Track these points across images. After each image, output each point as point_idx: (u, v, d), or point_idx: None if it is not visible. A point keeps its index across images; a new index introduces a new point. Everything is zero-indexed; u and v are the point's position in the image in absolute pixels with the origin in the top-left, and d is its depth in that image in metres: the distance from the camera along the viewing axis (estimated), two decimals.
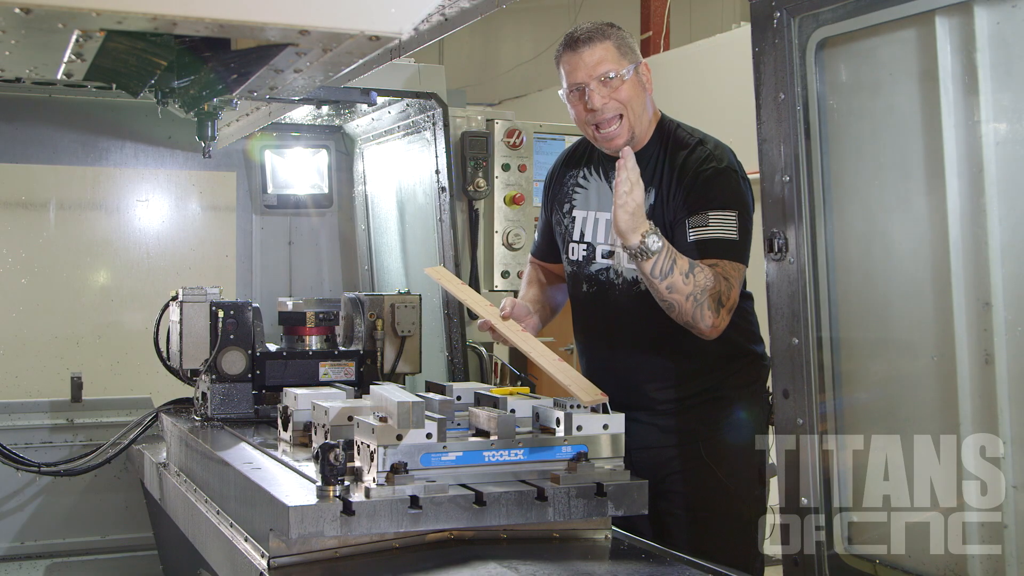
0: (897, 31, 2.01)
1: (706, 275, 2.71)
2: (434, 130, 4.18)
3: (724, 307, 2.73)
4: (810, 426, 2.13)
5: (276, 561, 2.26)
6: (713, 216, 2.79)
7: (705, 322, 2.72)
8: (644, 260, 2.65)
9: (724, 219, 2.78)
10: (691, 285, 2.69)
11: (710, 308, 2.71)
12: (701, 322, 2.72)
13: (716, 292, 2.72)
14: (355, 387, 3.31)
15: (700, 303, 2.70)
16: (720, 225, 2.78)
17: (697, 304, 2.70)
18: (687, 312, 2.71)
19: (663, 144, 2.96)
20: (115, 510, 4.31)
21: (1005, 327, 1.87)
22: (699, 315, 2.71)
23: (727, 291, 2.74)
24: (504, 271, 4.97)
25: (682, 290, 2.68)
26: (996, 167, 1.86)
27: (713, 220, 2.78)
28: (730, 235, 2.78)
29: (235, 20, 1.97)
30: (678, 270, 2.67)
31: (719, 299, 2.72)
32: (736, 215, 2.79)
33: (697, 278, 2.70)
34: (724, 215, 2.79)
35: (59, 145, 4.62)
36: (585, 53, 2.87)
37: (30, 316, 4.57)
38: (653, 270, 2.66)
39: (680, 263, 2.68)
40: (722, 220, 2.78)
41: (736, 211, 2.79)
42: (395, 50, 2.59)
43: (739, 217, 2.79)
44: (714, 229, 2.78)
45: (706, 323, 2.72)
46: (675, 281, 2.68)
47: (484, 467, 2.37)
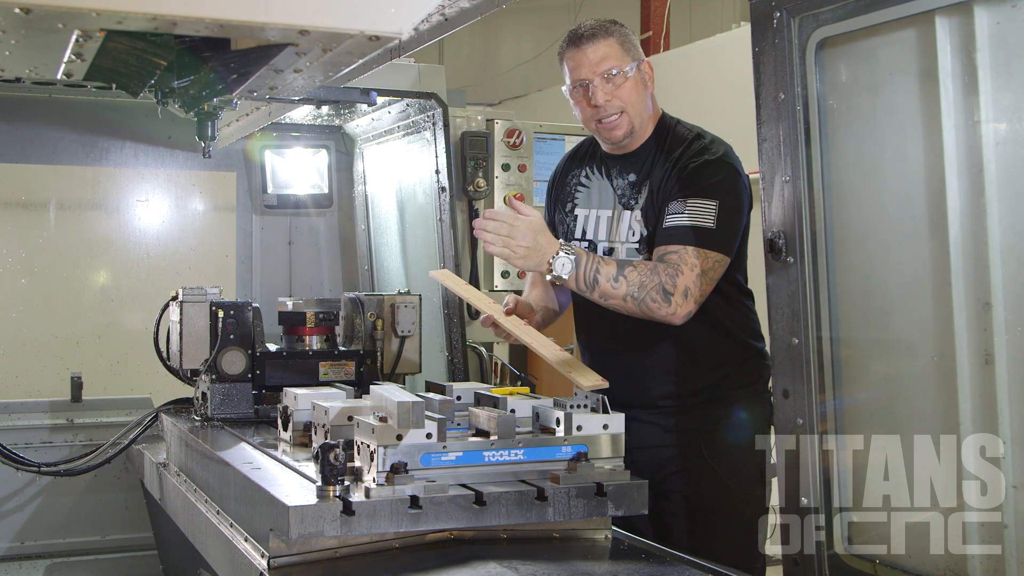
0: (897, 31, 2.01)
1: (640, 271, 2.73)
2: (434, 130, 4.18)
3: (674, 294, 2.72)
4: (810, 426, 2.13)
5: (276, 561, 2.25)
6: (691, 203, 2.79)
7: (657, 314, 2.74)
8: (560, 283, 2.72)
9: (701, 207, 2.78)
10: (623, 286, 2.71)
11: (654, 300, 2.72)
12: (654, 315, 2.74)
13: (658, 283, 2.72)
14: (355, 387, 3.31)
15: (640, 299, 2.72)
16: (695, 213, 2.78)
17: (638, 301, 2.72)
18: (634, 311, 2.75)
19: (662, 140, 2.97)
20: (115, 510, 4.31)
21: (1005, 327, 1.87)
22: (646, 310, 2.73)
23: (671, 277, 2.72)
24: (504, 271, 4.97)
25: (615, 294, 2.72)
26: (996, 167, 1.86)
27: (690, 207, 2.79)
28: (703, 223, 2.77)
29: (235, 20, 1.97)
30: (603, 277, 2.71)
31: (663, 289, 2.72)
32: (716, 204, 2.78)
33: (629, 278, 2.72)
34: (702, 203, 2.79)
35: (59, 145, 4.62)
36: (589, 50, 2.88)
37: (30, 316, 4.57)
38: (579, 286, 2.72)
39: (605, 270, 2.72)
40: (698, 208, 2.78)
41: (716, 200, 2.79)
42: (395, 50, 2.59)
43: (720, 207, 2.78)
44: (688, 216, 2.78)
45: (659, 315, 2.74)
46: (605, 289, 2.72)
47: (484, 467, 2.37)
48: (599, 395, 2.52)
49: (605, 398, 2.52)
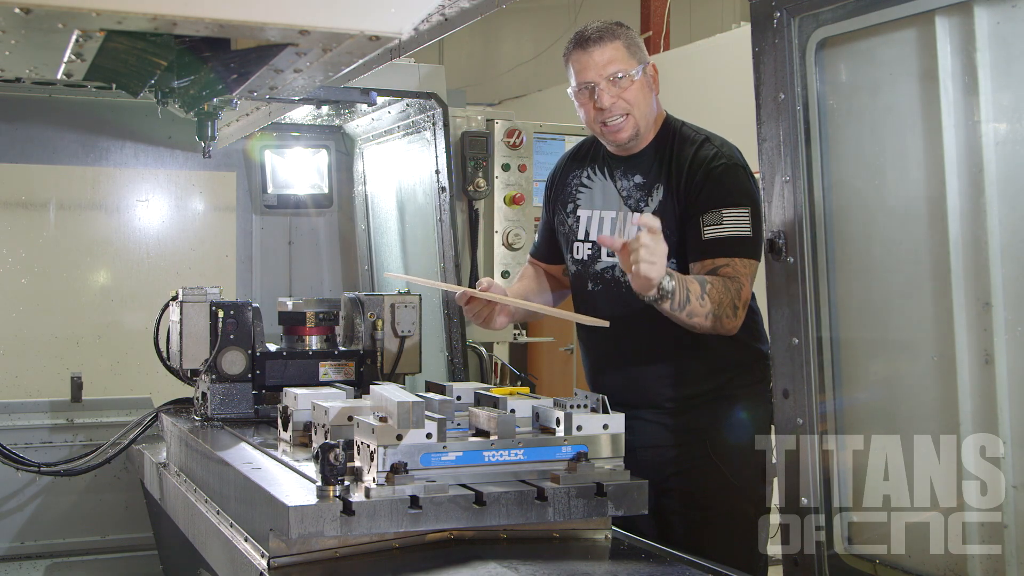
0: (897, 31, 2.01)
1: (718, 288, 2.74)
2: (434, 130, 4.18)
3: (739, 308, 2.78)
4: (810, 426, 2.13)
5: (276, 561, 2.25)
6: (727, 213, 2.82)
7: (725, 328, 2.77)
8: (663, 303, 2.65)
9: (737, 216, 2.82)
10: (708, 304, 2.72)
11: (727, 316, 2.75)
12: (722, 330, 2.77)
13: (731, 300, 2.76)
14: (355, 387, 3.31)
15: (719, 316, 2.74)
16: (733, 222, 2.81)
17: (716, 318, 2.74)
18: (708, 328, 2.76)
19: (669, 141, 2.97)
20: (115, 510, 4.31)
21: (1005, 327, 1.87)
22: (719, 326, 2.76)
23: (738, 291, 2.77)
24: (504, 271, 4.98)
25: (700, 312, 2.71)
26: (996, 167, 1.86)
27: (727, 218, 2.82)
28: (743, 232, 2.81)
29: (235, 20, 1.97)
30: (693, 296, 2.69)
31: (734, 304, 2.76)
32: (748, 211, 2.82)
33: (712, 295, 2.72)
34: (737, 212, 2.82)
35: (59, 145, 4.61)
36: (595, 52, 2.87)
37: (30, 316, 4.57)
38: (672, 306, 2.67)
39: (693, 288, 2.69)
40: (735, 217, 2.82)
41: (748, 207, 2.82)
42: (395, 50, 2.59)
43: (751, 213, 2.82)
44: (728, 227, 2.81)
45: (726, 329, 2.77)
46: (693, 307, 2.70)
47: (484, 467, 2.37)
48: (599, 395, 2.52)
49: (605, 398, 2.52)
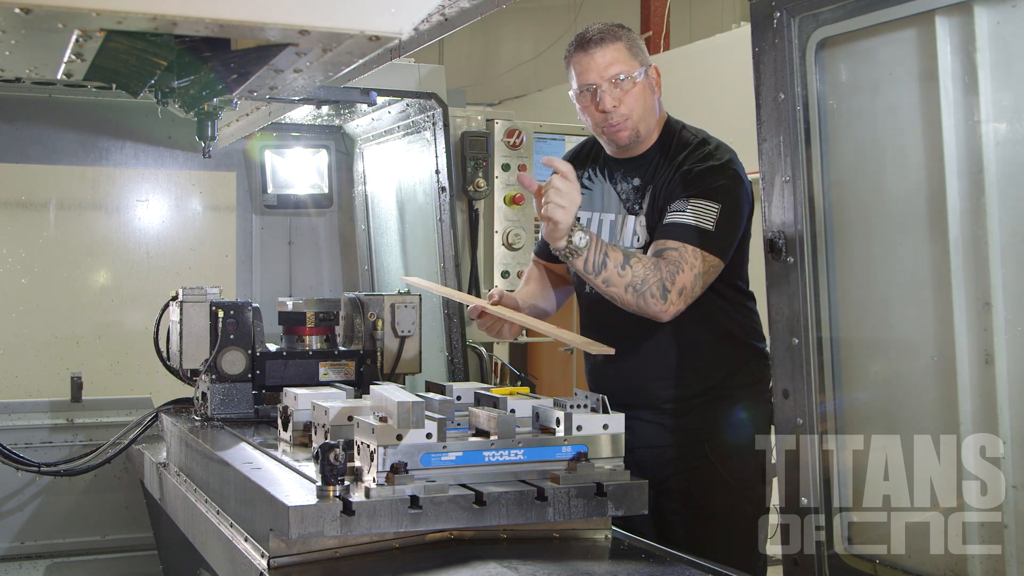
0: (897, 31, 2.01)
1: (644, 264, 2.72)
2: (434, 130, 4.18)
3: (671, 292, 2.72)
4: (810, 426, 2.13)
5: (276, 561, 2.25)
6: (693, 203, 2.79)
7: (651, 309, 2.73)
8: (574, 258, 2.66)
9: (703, 208, 2.78)
10: (628, 276, 2.69)
11: (653, 296, 2.71)
12: (647, 310, 2.73)
13: (658, 280, 2.71)
14: (355, 387, 3.31)
15: (641, 292, 2.70)
16: (697, 213, 2.78)
17: (638, 294, 2.70)
18: (630, 303, 2.73)
19: (668, 144, 2.96)
20: (115, 510, 4.31)
21: (1005, 327, 1.87)
22: (643, 303, 2.72)
23: (671, 275, 2.72)
24: (504, 271, 4.98)
25: (618, 282, 2.69)
26: (996, 167, 1.86)
27: (692, 207, 2.79)
28: (704, 224, 2.77)
29: (235, 20, 1.97)
30: (611, 262, 2.68)
31: (663, 286, 2.71)
32: (718, 208, 2.78)
33: (635, 268, 2.70)
34: (704, 204, 2.78)
35: (59, 145, 4.62)
36: (597, 54, 2.87)
37: (30, 316, 4.57)
38: (585, 266, 2.68)
39: (613, 256, 2.69)
40: (701, 209, 2.78)
41: (719, 204, 2.79)
42: (395, 50, 2.59)
43: (721, 211, 2.78)
44: (690, 216, 2.78)
45: (652, 310, 2.73)
46: (610, 275, 2.69)
47: (484, 467, 2.37)
48: (599, 395, 2.52)
49: (605, 398, 2.52)
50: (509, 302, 3.00)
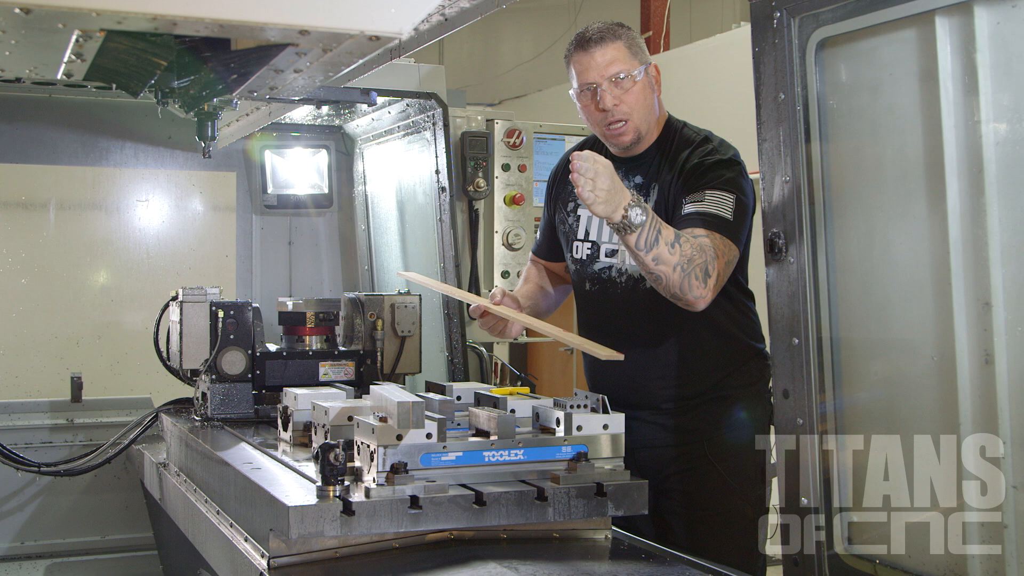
0: (897, 31, 2.01)
1: (692, 245, 2.66)
2: (434, 130, 4.18)
3: (711, 278, 2.67)
4: (810, 426, 2.13)
5: (276, 561, 2.26)
6: (710, 194, 2.78)
7: (693, 292, 2.66)
8: (628, 234, 2.58)
9: (720, 198, 2.78)
10: (677, 255, 2.62)
11: (697, 278, 2.65)
12: (689, 293, 2.66)
13: (703, 262, 2.66)
14: (355, 387, 3.31)
15: (688, 273, 2.64)
16: (716, 202, 2.77)
17: (685, 274, 2.64)
18: (675, 283, 2.64)
19: (669, 142, 2.97)
20: (115, 510, 4.32)
21: (1005, 327, 1.87)
22: (687, 285, 2.64)
23: (712, 260, 2.68)
24: (504, 271, 4.98)
25: (668, 260, 2.62)
26: (996, 167, 1.86)
27: (709, 197, 2.78)
28: (724, 213, 2.76)
29: (235, 20, 1.97)
30: (663, 240, 2.60)
31: (706, 269, 2.67)
32: (734, 198, 2.78)
33: (683, 248, 2.63)
34: (721, 195, 2.78)
35: (59, 145, 4.62)
36: (597, 53, 2.87)
37: (30, 316, 4.57)
38: (638, 243, 2.58)
39: (665, 233, 2.62)
40: (718, 199, 2.77)
41: (734, 195, 2.79)
42: (395, 50, 2.59)
43: (736, 201, 2.78)
44: (709, 205, 2.77)
45: (694, 293, 2.66)
46: (661, 252, 2.60)
47: (484, 467, 2.37)
48: (599, 395, 2.52)
49: (605, 398, 2.52)
50: (511, 302, 3.00)
